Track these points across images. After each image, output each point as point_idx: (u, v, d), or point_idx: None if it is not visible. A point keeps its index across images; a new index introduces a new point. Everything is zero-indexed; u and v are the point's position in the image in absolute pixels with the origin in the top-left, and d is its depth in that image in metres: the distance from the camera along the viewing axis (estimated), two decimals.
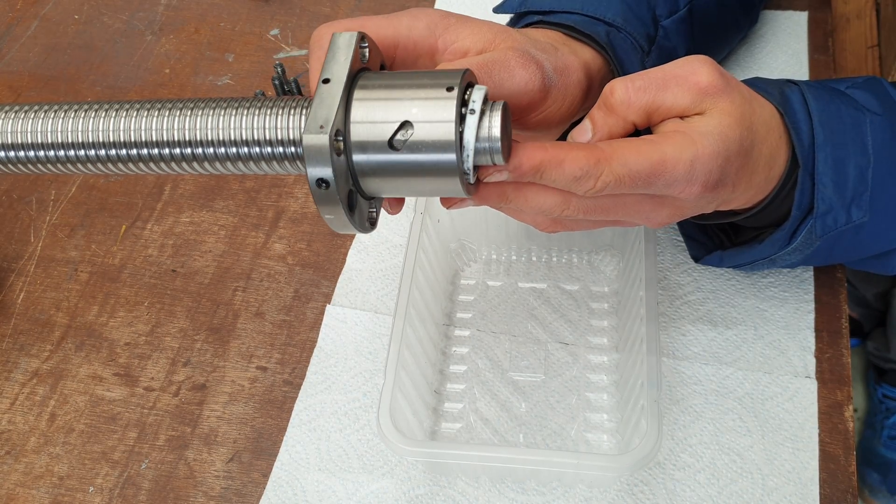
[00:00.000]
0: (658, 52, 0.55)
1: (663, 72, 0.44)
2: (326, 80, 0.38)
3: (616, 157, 0.41)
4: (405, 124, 0.38)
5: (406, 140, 0.38)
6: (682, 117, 0.44)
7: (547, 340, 0.60)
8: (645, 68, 0.52)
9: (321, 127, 0.36)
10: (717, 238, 0.59)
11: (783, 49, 0.76)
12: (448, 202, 0.44)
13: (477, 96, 0.39)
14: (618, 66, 0.51)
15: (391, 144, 0.38)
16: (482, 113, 0.39)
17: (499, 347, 0.61)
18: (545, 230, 0.46)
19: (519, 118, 0.47)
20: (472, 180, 0.40)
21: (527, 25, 0.53)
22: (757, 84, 0.49)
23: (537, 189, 0.42)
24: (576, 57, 0.49)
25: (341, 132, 0.38)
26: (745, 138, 0.44)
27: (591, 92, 0.50)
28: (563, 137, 0.51)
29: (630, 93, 0.43)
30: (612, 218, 0.45)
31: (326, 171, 0.37)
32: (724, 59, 0.75)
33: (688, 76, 0.43)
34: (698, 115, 0.43)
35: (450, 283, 0.64)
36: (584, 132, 0.44)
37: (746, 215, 0.50)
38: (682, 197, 0.43)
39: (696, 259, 0.59)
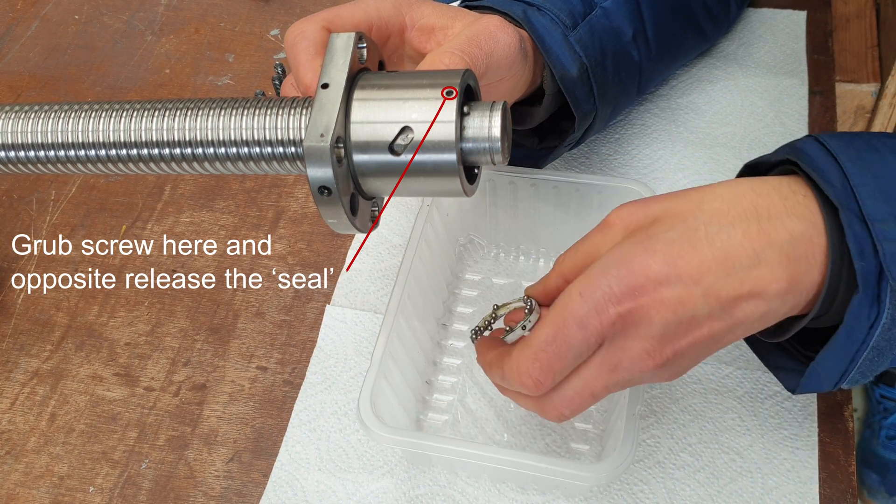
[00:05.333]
0: (590, 30, 0.57)
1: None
2: (325, 85, 0.38)
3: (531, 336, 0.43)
4: (405, 129, 0.38)
5: (407, 143, 0.38)
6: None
7: None
8: (569, 42, 0.55)
9: (321, 135, 0.37)
10: (804, 357, 0.47)
11: (781, 48, 0.76)
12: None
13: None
14: (538, 41, 0.53)
15: (392, 146, 0.38)
16: (482, 112, 0.39)
17: None
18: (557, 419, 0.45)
19: (499, 81, 0.50)
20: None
21: None
22: (767, 157, 0.46)
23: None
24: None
25: (342, 138, 0.38)
26: (655, 232, 0.41)
27: (535, 61, 0.54)
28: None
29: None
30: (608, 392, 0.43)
31: (328, 179, 0.37)
32: (721, 59, 0.76)
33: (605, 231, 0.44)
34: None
35: (455, 276, 0.64)
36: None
37: (815, 311, 0.42)
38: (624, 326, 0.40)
39: (793, 390, 0.47)
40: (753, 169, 0.47)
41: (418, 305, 0.57)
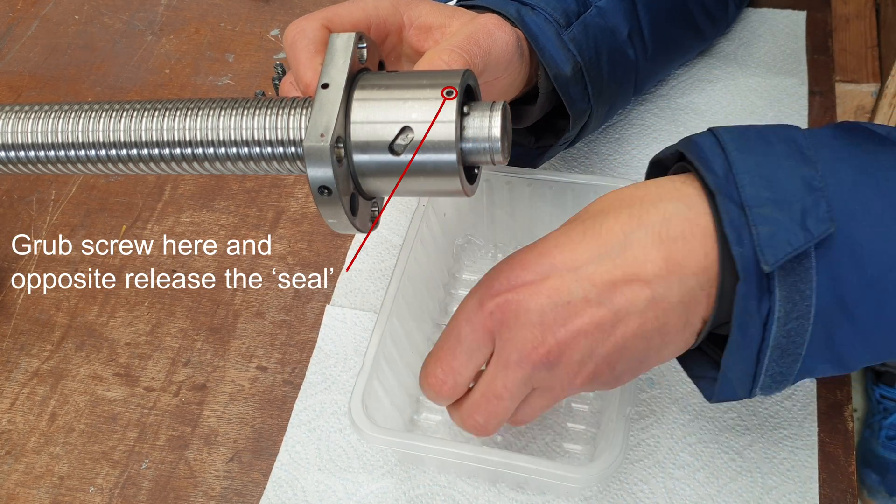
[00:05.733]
0: (584, 29, 0.57)
1: None
2: (325, 85, 0.38)
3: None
4: (405, 129, 0.38)
5: (407, 143, 0.38)
6: None
7: None
8: (563, 41, 0.55)
9: (321, 135, 0.37)
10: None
11: (781, 49, 0.76)
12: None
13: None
14: (531, 40, 0.53)
15: (392, 146, 0.38)
16: (482, 113, 0.39)
17: None
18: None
19: (496, 79, 0.50)
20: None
21: None
22: (660, 155, 0.46)
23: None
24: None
25: (342, 138, 0.38)
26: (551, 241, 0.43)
27: (531, 60, 0.54)
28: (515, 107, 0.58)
29: None
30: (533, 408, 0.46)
31: (328, 179, 0.37)
32: (721, 59, 0.76)
33: None
34: None
35: (451, 276, 0.64)
36: None
37: (715, 308, 0.41)
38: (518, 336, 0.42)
39: (710, 398, 0.45)
40: (658, 164, 0.47)
41: (413, 306, 0.57)
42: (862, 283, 0.39)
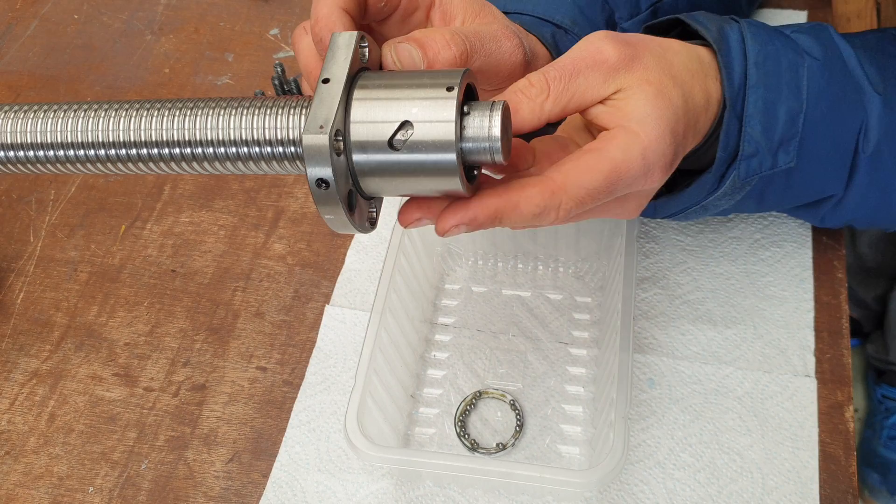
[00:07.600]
0: None
1: (570, 58, 0.42)
2: (326, 80, 0.38)
3: (569, 182, 0.40)
4: (405, 124, 0.38)
5: (406, 140, 0.38)
6: (603, 103, 0.42)
7: (527, 349, 0.60)
8: None
9: (321, 127, 0.36)
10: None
11: None
12: (442, 228, 0.42)
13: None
14: None
15: (391, 144, 0.38)
16: (482, 112, 0.39)
17: (478, 354, 0.60)
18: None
19: (500, 87, 0.49)
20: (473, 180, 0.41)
21: None
22: (696, 18, 0.48)
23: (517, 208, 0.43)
24: (538, 47, 0.52)
25: (341, 132, 0.38)
26: (677, 96, 0.43)
27: None
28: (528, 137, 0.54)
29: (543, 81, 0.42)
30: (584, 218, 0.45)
31: (326, 171, 0.37)
32: None
33: (594, 56, 0.42)
34: (621, 96, 0.42)
35: (433, 287, 0.64)
36: None
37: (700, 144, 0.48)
38: (646, 188, 0.43)
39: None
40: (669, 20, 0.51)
41: (400, 318, 0.57)
42: (783, 190, 0.51)
